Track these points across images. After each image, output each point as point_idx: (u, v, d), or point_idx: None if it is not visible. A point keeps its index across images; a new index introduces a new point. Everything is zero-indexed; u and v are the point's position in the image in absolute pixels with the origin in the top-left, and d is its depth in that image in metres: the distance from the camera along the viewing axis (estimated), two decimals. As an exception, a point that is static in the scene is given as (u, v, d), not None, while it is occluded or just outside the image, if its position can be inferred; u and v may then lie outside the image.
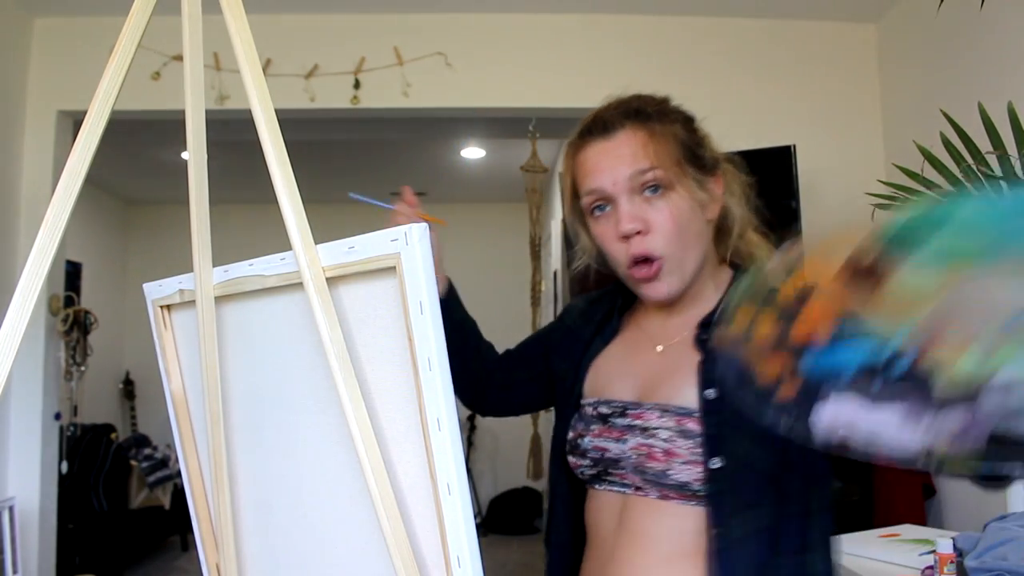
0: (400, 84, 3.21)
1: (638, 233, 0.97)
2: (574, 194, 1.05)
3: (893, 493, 2.47)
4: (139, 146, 4.98)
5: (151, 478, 5.09)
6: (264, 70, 0.70)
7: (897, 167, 1.42)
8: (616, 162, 0.99)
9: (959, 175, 1.26)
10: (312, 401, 0.71)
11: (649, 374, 1.02)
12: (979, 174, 1.25)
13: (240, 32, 0.67)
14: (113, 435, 5.09)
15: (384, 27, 3.23)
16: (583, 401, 1.07)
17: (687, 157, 1.00)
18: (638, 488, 0.96)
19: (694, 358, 0.98)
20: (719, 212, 1.03)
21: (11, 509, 2.88)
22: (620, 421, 1.00)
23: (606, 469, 1.00)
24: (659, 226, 0.97)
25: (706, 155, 1.03)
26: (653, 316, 1.07)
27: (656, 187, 0.98)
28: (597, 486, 1.02)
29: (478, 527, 0.61)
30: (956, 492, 2.50)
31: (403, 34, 3.22)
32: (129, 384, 6.28)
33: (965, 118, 1.27)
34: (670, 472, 0.93)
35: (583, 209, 1.04)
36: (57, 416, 3.30)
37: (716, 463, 0.91)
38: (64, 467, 3.42)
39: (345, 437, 0.64)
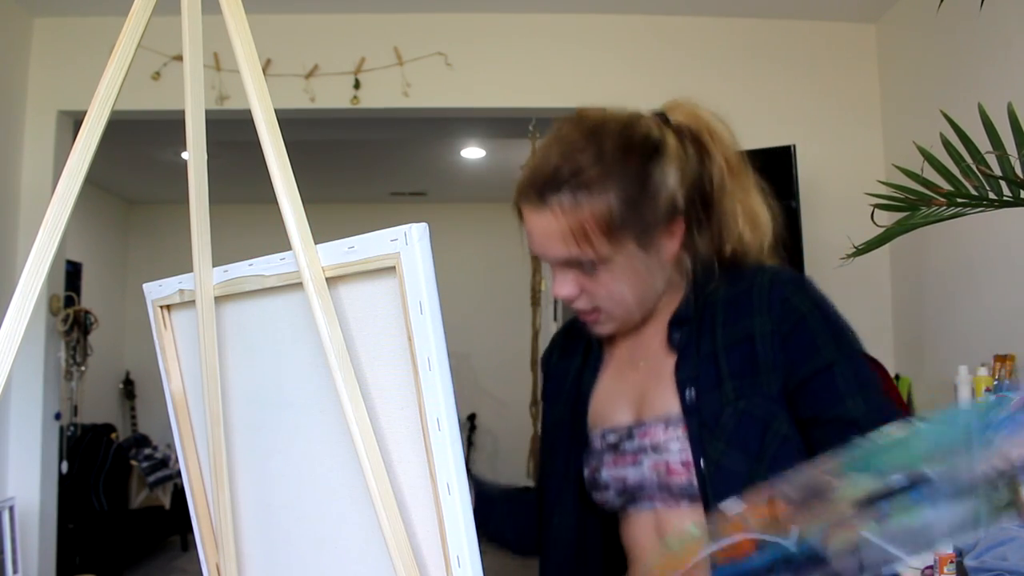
0: (400, 84, 3.21)
1: (570, 299, 0.96)
2: None
3: (893, 493, 2.47)
4: (139, 146, 4.98)
5: (151, 478, 5.09)
6: (264, 70, 0.71)
7: (897, 167, 1.42)
8: (546, 241, 0.94)
9: (959, 175, 1.26)
10: (312, 401, 0.71)
11: (638, 390, 1.00)
12: (979, 174, 1.25)
13: (240, 32, 0.67)
14: (113, 435, 5.09)
15: (384, 27, 3.23)
16: (590, 435, 1.04)
17: (626, 223, 0.91)
18: (668, 502, 0.95)
19: (670, 360, 0.97)
20: (679, 250, 0.97)
21: (11, 509, 2.88)
22: (629, 445, 0.98)
23: (631, 496, 0.98)
24: (597, 295, 0.95)
25: (656, 213, 0.93)
26: (626, 332, 1.04)
27: (587, 268, 0.93)
28: (629, 508, 0.99)
29: (478, 527, 0.61)
30: (956, 492, 2.50)
31: (403, 34, 3.22)
32: (129, 384, 6.28)
33: (965, 118, 1.27)
34: (695, 483, 0.92)
35: None
36: (57, 416, 3.30)
37: (703, 464, 0.91)
38: (64, 467, 3.42)
39: (345, 437, 0.64)
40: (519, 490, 1.19)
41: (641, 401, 1.00)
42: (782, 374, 0.91)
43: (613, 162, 0.92)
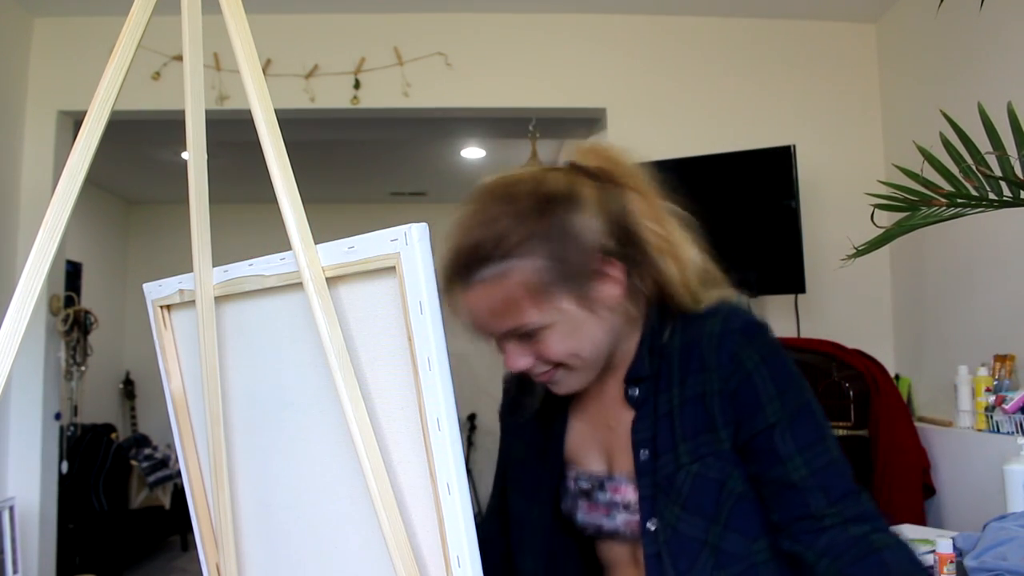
0: (400, 84, 3.21)
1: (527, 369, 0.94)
2: None
3: (893, 493, 2.47)
4: (139, 146, 4.98)
5: (151, 478, 5.09)
6: (264, 70, 0.70)
7: (897, 167, 1.42)
8: (481, 318, 0.92)
9: (959, 175, 1.26)
10: (312, 401, 0.71)
11: (607, 442, 1.01)
12: (979, 174, 1.25)
13: (240, 32, 0.67)
14: (113, 435, 5.08)
15: (384, 27, 3.23)
16: (568, 472, 1.05)
17: (557, 281, 0.90)
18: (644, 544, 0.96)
19: (630, 415, 0.97)
20: (624, 294, 0.94)
21: (11, 509, 2.88)
22: (601, 496, 0.99)
23: (609, 536, 1.00)
24: (549, 355, 0.92)
25: (585, 262, 0.91)
26: (591, 383, 1.02)
27: (532, 333, 0.91)
28: (606, 540, 1.02)
29: (478, 527, 0.61)
30: (956, 492, 2.50)
31: (403, 34, 3.22)
32: (129, 384, 6.28)
33: (965, 118, 1.27)
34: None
35: None
36: (57, 416, 3.30)
37: (652, 525, 0.91)
38: (64, 467, 3.42)
39: (345, 437, 0.64)
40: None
41: (610, 452, 1.00)
42: (732, 430, 0.91)
43: (531, 222, 0.90)
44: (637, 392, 0.96)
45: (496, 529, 1.13)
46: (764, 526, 0.92)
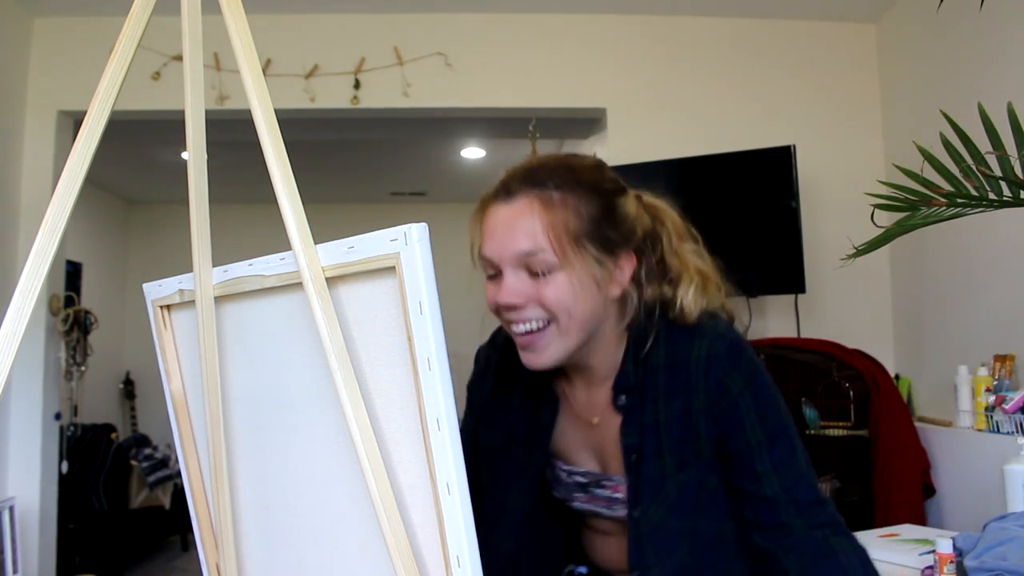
0: (400, 84, 3.21)
1: (517, 307, 0.97)
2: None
3: (893, 493, 2.47)
4: (139, 146, 4.98)
5: (151, 478, 5.09)
6: (264, 70, 0.70)
7: (897, 167, 1.42)
8: (507, 233, 0.97)
9: (959, 175, 1.26)
10: (312, 401, 0.71)
11: (598, 445, 1.09)
12: (979, 174, 1.25)
13: (240, 32, 0.67)
14: (113, 435, 5.08)
15: (384, 27, 3.23)
16: (557, 463, 1.12)
17: (589, 234, 0.97)
18: None
19: (618, 419, 1.05)
20: (623, 292, 1.02)
21: (11, 509, 2.88)
22: (600, 492, 1.08)
23: (605, 518, 1.10)
24: (548, 299, 0.96)
25: (616, 235, 1.00)
26: (578, 388, 1.11)
27: (544, 270, 0.96)
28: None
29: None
30: (956, 492, 2.50)
31: (403, 34, 3.22)
32: (129, 384, 6.28)
33: (965, 118, 1.27)
34: None
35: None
36: (57, 416, 3.30)
37: (636, 513, 1.01)
38: (64, 467, 3.42)
39: (345, 437, 0.64)
40: None
41: (602, 453, 1.08)
42: (715, 444, 1.02)
43: (586, 182, 1.00)
44: (624, 399, 1.04)
45: None
46: (732, 512, 1.02)
